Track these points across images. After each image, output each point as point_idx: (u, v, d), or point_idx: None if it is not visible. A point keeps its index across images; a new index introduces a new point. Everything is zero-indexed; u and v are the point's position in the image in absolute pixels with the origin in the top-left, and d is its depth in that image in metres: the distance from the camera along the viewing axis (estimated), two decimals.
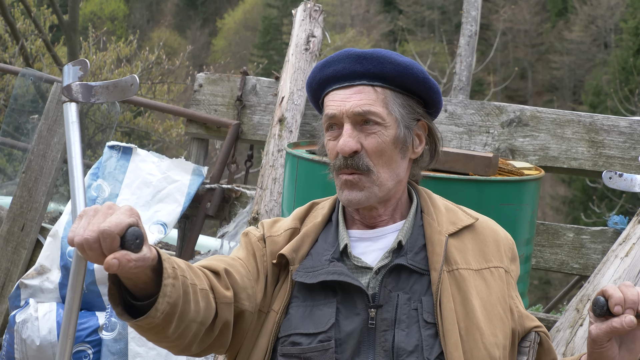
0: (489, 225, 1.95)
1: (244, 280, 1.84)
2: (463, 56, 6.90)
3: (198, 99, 4.31)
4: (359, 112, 1.83)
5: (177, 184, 3.82)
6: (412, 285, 1.80)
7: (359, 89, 1.85)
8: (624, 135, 3.82)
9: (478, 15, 6.95)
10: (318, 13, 4.31)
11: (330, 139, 1.89)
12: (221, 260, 1.86)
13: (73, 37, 12.05)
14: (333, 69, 1.87)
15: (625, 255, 3.14)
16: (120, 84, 2.16)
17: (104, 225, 1.48)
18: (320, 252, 1.86)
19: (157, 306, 1.58)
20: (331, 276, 1.78)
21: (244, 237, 1.97)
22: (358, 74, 1.86)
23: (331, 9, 31.77)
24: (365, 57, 1.85)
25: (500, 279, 1.87)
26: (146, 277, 1.58)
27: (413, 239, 1.86)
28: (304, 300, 1.81)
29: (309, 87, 1.96)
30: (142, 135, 12.72)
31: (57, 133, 3.90)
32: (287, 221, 1.97)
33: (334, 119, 1.86)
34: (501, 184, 2.93)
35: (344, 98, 1.85)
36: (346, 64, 1.86)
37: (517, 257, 1.97)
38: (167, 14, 38.26)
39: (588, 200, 18.51)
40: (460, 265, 1.83)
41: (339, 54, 1.89)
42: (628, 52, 22.59)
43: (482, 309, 1.80)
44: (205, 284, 1.73)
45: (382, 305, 1.77)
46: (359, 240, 1.89)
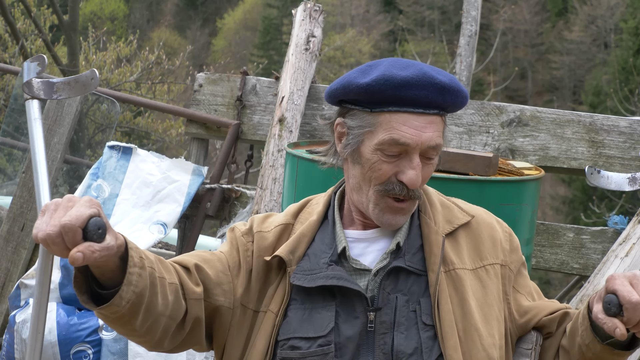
0: (484, 220, 1.93)
1: (219, 275, 1.83)
2: (463, 56, 6.90)
3: (198, 99, 4.31)
4: (432, 146, 1.78)
5: (177, 184, 3.82)
6: (410, 286, 1.79)
7: (432, 119, 1.78)
8: (624, 135, 3.82)
9: (478, 15, 6.95)
10: (318, 13, 4.31)
11: (384, 160, 1.78)
12: (196, 256, 1.86)
13: (73, 37, 12.05)
14: (414, 94, 1.75)
15: (625, 255, 3.14)
16: (81, 79, 2.14)
17: (64, 220, 1.49)
18: (317, 253, 1.84)
19: (121, 294, 1.59)
20: (330, 281, 1.77)
21: (230, 232, 1.94)
22: (435, 105, 1.78)
23: (331, 9, 31.76)
24: (449, 90, 1.77)
25: (495, 277, 1.86)
26: (114, 265, 1.59)
27: (411, 240, 1.84)
28: (303, 302, 1.80)
29: (363, 93, 1.78)
30: (142, 135, 12.73)
31: (57, 133, 3.90)
32: (279, 217, 1.94)
33: (404, 147, 1.76)
34: (501, 184, 2.93)
35: (419, 127, 1.76)
36: (429, 92, 1.76)
37: (517, 246, 1.95)
38: (167, 14, 38.26)
39: (588, 200, 18.50)
40: (457, 265, 1.83)
41: (422, 78, 1.76)
42: (628, 52, 22.59)
43: (479, 310, 1.80)
44: (175, 279, 1.74)
45: (381, 307, 1.77)
46: (356, 241, 1.86)
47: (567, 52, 31.27)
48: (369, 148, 1.78)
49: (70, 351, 3.34)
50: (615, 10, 29.63)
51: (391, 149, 1.76)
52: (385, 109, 1.77)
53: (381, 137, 1.76)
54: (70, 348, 3.34)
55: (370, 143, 1.78)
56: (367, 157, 1.79)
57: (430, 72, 1.77)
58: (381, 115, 1.77)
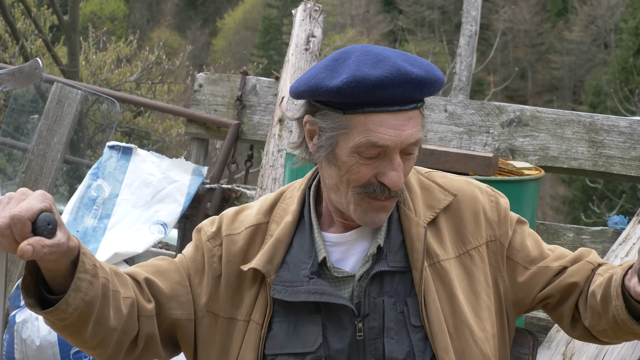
0: (466, 195, 1.81)
1: (174, 288, 1.75)
2: (463, 56, 6.89)
3: (198, 99, 4.31)
4: (412, 142, 1.66)
5: (177, 184, 3.82)
6: (395, 286, 1.72)
7: (409, 115, 1.65)
8: (624, 135, 3.82)
9: (478, 15, 6.94)
10: (318, 13, 4.31)
11: (362, 163, 1.65)
12: (150, 267, 1.77)
13: (73, 37, 12.05)
14: (390, 93, 1.61)
15: (625, 255, 3.14)
16: (25, 69, 2.12)
17: (14, 211, 1.44)
18: (296, 263, 1.73)
19: (68, 299, 1.53)
20: (312, 297, 1.68)
21: (196, 234, 1.85)
22: (414, 100, 1.65)
23: (331, 9, 31.77)
24: (426, 83, 1.64)
25: (481, 260, 1.77)
26: (65, 268, 1.53)
27: (391, 238, 1.74)
28: (287, 315, 1.72)
29: (334, 95, 1.63)
30: (142, 135, 12.72)
31: (57, 133, 3.90)
32: (251, 214, 1.81)
33: (381, 148, 1.64)
34: (501, 184, 2.93)
35: (397, 126, 1.63)
36: (405, 89, 1.62)
37: (506, 212, 1.83)
38: (167, 14, 38.26)
39: (588, 200, 18.50)
40: (441, 257, 1.74)
41: (396, 75, 1.61)
42: (628, 52, 22.58)
43: (468, 302, 1.73)
44: (131, 293, 1.67)
45: (368, 314, 1.70)
46: (335, 245, 1.76)
47: (567, 52, 31.28)
48: (345, 150, 1.66)
49: (70, 351, 3.34)
50: (615, 10, 29.63)
51: (369, 152, 1.64)
52: (359, 111, 1.63)
53: (357, 140, 1.63)
54: (71, 348, 3.34)
55: (346, 145, 1.65)
56: (344, 160, 1.66)
57: (404, 67, 1.62)
58: (355, 117, 1.63)
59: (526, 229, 1.85)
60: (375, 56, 1.64)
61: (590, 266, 1.80)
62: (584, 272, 1.79)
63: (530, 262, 1.80)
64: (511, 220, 1.83)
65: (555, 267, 1.79)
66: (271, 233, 1.77)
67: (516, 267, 1.80)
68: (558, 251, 1.84)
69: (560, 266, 1.80)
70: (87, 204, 3.72)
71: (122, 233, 3.64)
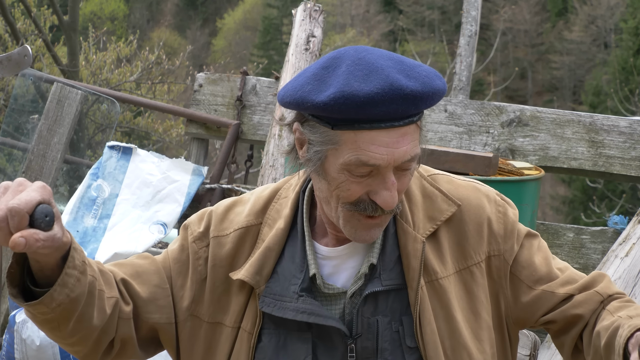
0: (471, 205, 1.68)
1: (152, 290, 1.67)
2: (463, 56, 6.89)
3: (198, 99, 4.31)
4: (407, 159, 1.53)
5: (177, 184, 3.82)
6: (391, 304, 1.62)
7: (405, 131, 1.51)
8: (624, 135, 3.82)
9: (478, 15, 6.94)
10: (318, 13, 4.32)
11: (352, 180, 1.53)
12: (129, 266, 1.70)
13: (73, 37, 12.05)
14: (382, 110, 1.47)
15: (625, 255, 3.14)
16: (13, 56, 2.07)
17: (12, 203, 1.38)
18: (287, 275, 1.64)
19: (53, 294, 1.47)
20: (300, 315, 1.59)
21: (183, 231, 1.75)
22: (409, 115, 1.51)
23: (331, 9, 31.77)
24: (423, 97, 1.50)
25: (482, 277, 1.66)
26: (54, 262, 1.48)
27: (386, 254, 1.63)
28: (276, 328, 1.64)
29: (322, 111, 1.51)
30: (142, 135, 12.73)
31: (57, 133, 3.90)
32: (242, 214, 1.71)
33: (372, 168, 1.52)
34: (501, 184, 2.93)
35: (390, 144, 1.50)
36: (399, 106, 1.48)
37: (513, 226, 1.70)
38: (167, 14, 38.26)
39: (588, 200, 18.50)
40: (440, 274, 1.63)
41: (388, 91, 1.47)
42: (628, 52, 22.58)
43: (467, 323, 1.63)
44: (115, 292, 1.62)
45: (361, 334, 1.61)
46: (327, 259, 1.65)
47: (567, 52, 31.28)
48: (335, 167, 1.53)
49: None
50: (615, 10, 29.63)
51: (359, 170, 1.51)
52: (348, 127, 1.50)
53: (347, 158, 1.51)
54: None
55: (336, 161, 1.53)
56: (333, 176, 1.54)
57: (398, 81, 1.48)
58: (344, 133, 1.50)
59: (535, 244, 1.72)
60: (367, 67, 1.50)
61: (599, 298, 1.67)
62: (591, 304, 1.66)
63: (536, 281, 1.68)
64: (519, 234, 1.70)
65: (561, 294, 1.67)
66: (263, 237, 1.68)
67: (520, 285, 1.68)
68: (567, 273, 1.70)
69: (567, 294, 1.67)
70: (87, 204, 3.72)
71: (122, 233, 3.64)
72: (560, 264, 1.73)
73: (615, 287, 1.70)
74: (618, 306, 1.64)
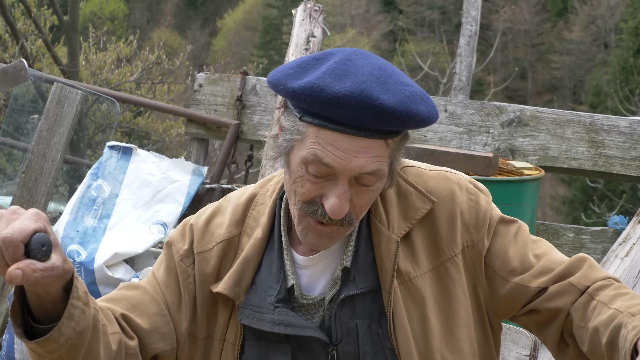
0: (441, 196, 1.62)
1: (153, 320, 1.62)
2: (463, 56, 6.89)
3: (198, 99, 4.31)
4: (366, 172, 1.48)
5: (177, 184, 3.82)
6: (369, 306, 1.59)
7: (369, 143, 1.47)
8: (624, 135, 3.82)
9: (478, 15, 6.94)
10: (318, 13, 4.32)
11: (308, 178, 1.50)
12: (123, 301, 1.63)
13: (73, 37, 12.06)
14: (345, 114, 1.44)
15: (625, 255, 3.14)
16: (9, 70, 2.02)
17: (5, 233, 1.30)
18: (264, 286, 1.61)
19: (61, 328, 1.38)
20: (277, 327, 1.57)
21: (167, 250, 1.69)
22: (375, 131, 1.46)
23: (331, 9, 31.77)
24: (392, 115, 1.44)
25: (457, 272, 1.60)
26: (56, 294, 1.39)
27: (360, 257, 1.60)
28: (257, 339, 1.62)
29: (290, 98, 1.49)
30: (142, 135, 12.73)
31: (57, 133, 3.90)
32: (222, 225, 1.67)
33: (327, 168, 1.48)
34: (501, 184, 2.93)
35: (349, 151, 1.46)
36: (365, 116, 1.43)
37: (485, 213, 1.63)
38: (167, 14, 38.26)
39: (588, 200, 18.50)
40: (413, 274, 1.59)
41: (357, 98, 1.42)
42: (628, 52, 22.58)
43: (442, 323, 1.60)
44: (117, 329, 1.55)
45: (341, 339, 1.58)
46: (304, 268, 1.62)
47: (567, 52, 31.28)
48: (296, 159, 1.51)
49: None
50: (615, 10, 29.63)
51: (315, 168, 1.49)
52: (314, 121, 1.47)
53: (306, 152, 1.48)
54: None
55: (298, 153, 1.51)
56: (294, 169, 1.52)
57: (370, 91, 1.43)
58: (310, 126, 1.48)
59: (512, 230, 1.65)
60: (349, 69, 1.46)
61: (575, 290, 1.58)
62: (568, 296, 1.58)
63: (509, 272, 1.61)
64: (491, 221, 1.64)
65: (533, 289, 1.59)
66: (242, 247, 1.65)
67: (495, 276, 1.62)
68: (543, 261, 1.61)
69: (539, 287, 1.59)
70: (87, 204, 3.72)
71: (122, 233, 3.64)
72: (539, 249, 1.64)
73: (596, 272, 1.60)
74: (612, 295, 1.54)
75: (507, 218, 1.66)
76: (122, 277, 3.49)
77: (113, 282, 3.48)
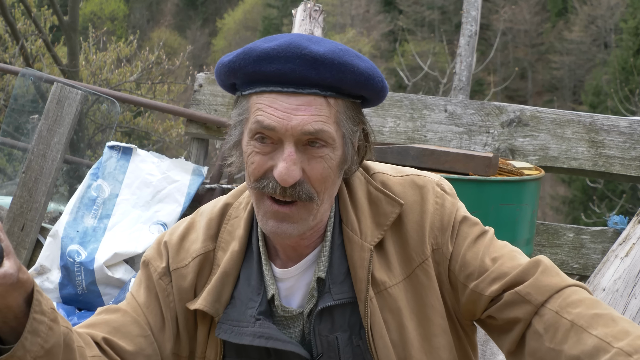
0: (409, 202, 1.59)
1: (136, 342, 1.57)
2: (463, 56, 6.89)
3: (198, 99, 4.31)
4: (308, 132, 1.45)
5: (177, 184, 3.82)
6: (348, 318, 1.55)
7: (308, 100, 1.45)
8: (624, 135, 3.82)
9: (478, 15, 6.95)
10: (318, 13, 4.32)
11: (257, 151, 1.49)
12: (104, 324, 1.57)
13: (73, 37, 12.06)
14: (276, 68, 1.44)
15: (625, 255, 3.14)
16: None
17: None
18: (243, 300, 1.57)
19: (24, 343, 1.31)
20: (257, 340, 1.53)
21: (144, 269, 1.65)
22: (310, 81, 1.45)
23: (331, 9, 31.77)
24: (324, 62, 1.44)
25: (427, 278, 1.56)
26: (18, 308, 1.33)
27: (334, 267, 1.56)
28: (238, 356, 1.59)
29: (228, 73, 1.50)
30: (142, 135, 12.73)
31: (57, 133, 3.90)
32: (197, 241, 1.63)
33: (270, 131, 1.46)
34: (501, 184, 2.93)
35: (288, 109, 1.45)
36: (296, 66, 1.44)
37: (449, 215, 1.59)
38: (167, 14, 38.27)
39: (588, 200, 18.51)
40: (388, 284, 1.55)
41: (286, 49, 1.44)
42: (628, 52, 22.59)
43: (420, 331, 1.56)
44: (97, 352, 1.50)
45: (322, 353, 1.55)
46: (282, 281, 1.60)
47: (567, 52, 31.28)
48: (245, 139, 1.51)
49: None
50: (615, 10, 29.64)
51: (259, 135, 1.47)
52: (253, 90, 1.48)
53: (250, 124, 1.49)
54: None
55: (245, 132, 1.51)
56: (244, 150, 1.52)
57: (299, 42, 1.44)
58: (250, 97, 1.49)
59: (474, 231, 1.60)
60: (285, 35, 1.49)
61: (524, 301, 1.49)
62: (521, 309, 1.50)
63: (467, 277, 1.56)
64: (454, 224, 1.60)
65: (486, 297, 1.53)
66: (218, 262, 1.61)
67: (456, 281, 1.58)
68: (498, 264, 1.55)
69: (490, 296, 1.53)
70: (87, 204, 3.72)
71: (122, 233, 3.64)
72: (497, 252, 1.57)
73: (548, 278, 1.50)
74: (587, 316, 1.44)
75: (472, 220, 1.62)
76: (122, 277, 3.49)
77: (113, 282, 3.48)
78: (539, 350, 1.47)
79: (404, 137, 3.98)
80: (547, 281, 1.50)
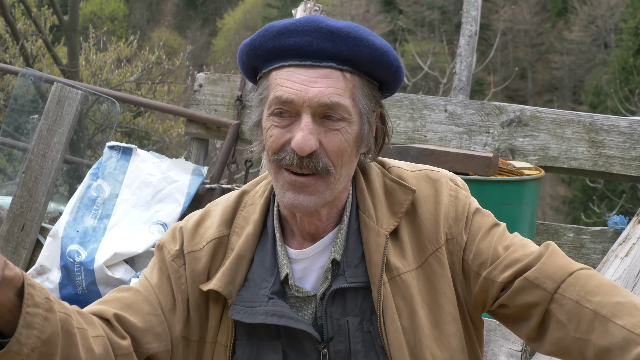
0: (423, 193, 1.64)
1: (147, 319, 1.59)
2: (463, 56, 6.89)
3: (198, 99, 4.31)
4: (325, 103, 1.50)
5: (177, 184, 3.82)
6: (360, 303, 1.58)
7: (325, 73, 1.52)
8: (624, 135, 3.82)
9: (478, 15, 6.94)
10: (318, 13, 4.31)
11: (275, 125, 1.54)
12: (115, 301, 1.60)
13: (73, 37, 12.05)
14: (295, 41, 1.51)
15: (625, 255, 3.14)
16: None
17: None
18: (257, 280, 1.60)
19: (19, 338, 1.32)
20: (270, 319, 1.55)
21: (158, 252, 1.68)
22: (327, 54, 1.51)
23: (331, 9, 31.77)
24: (340, 35, 1.50)
25: (441, 266, 1.60)
26: (10, 303, 1.34)
27: (349, 250, 1.59)
28: (249, 338, 1.60)
29: (250, 52, 1.57)
30: (142, 135, 12.72)
31: (57, 133, 3.90)
32: (212, 226, 1.67)
33: (288, 105, 1.52)
34: (501, 184, 2.93)
35: (306, 81, 1.51)
36: (313, 39, 1.50)
37: (464, 206, 1.64)
38: (167, 14, 38.27)
39: (588, 200, 18.51)
40: (402, 270, 1.58)
41: (304, 23, 1.52)
42: (628, 52, 22.59)
43: (431, 319, 1.58)
44: (101, 332, 1.51)
45: (332, 337, 1.57)
46: (296, 262, 1.62)
47: (567, 52, 31.28)
48: (265, 115, 1.57)
49: None
50: (615, 10, 29.63)
51: (278, 110, 1.53)
52: (272, 66, 1.55)
53: (270, 100, 1.55)
54: None
55: (265, 110, 1.57)
56: (264, 126, 1.57)
57: (318, 18, 1.52)
58: (270, 74, 1.56)
59: (487, 222, 1.64)
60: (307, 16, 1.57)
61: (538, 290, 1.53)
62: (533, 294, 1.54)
63: (480, 265, 1.60)
64: (468, 214, 1.64)
65: (498, 283, 1.57)
66: (232, 246, 1.64)
67: (469, 270, 1.61)
68: (510, 252, 1.59)
69: (503, 282, 1.57)
70: (87, 204, 3.72)
71: (122, 233, 3.64)
72: (509, 240, 1.62)
73: (558, 260, 1.55)
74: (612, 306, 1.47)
75: (484, 212, 1.67)
76: (122, 277, 3.49)
77: (113, 282, 3.48)
78: (563, 339, 1.51)
79: (404, 137, 3.98)
80: (555, 264, 1.54)
